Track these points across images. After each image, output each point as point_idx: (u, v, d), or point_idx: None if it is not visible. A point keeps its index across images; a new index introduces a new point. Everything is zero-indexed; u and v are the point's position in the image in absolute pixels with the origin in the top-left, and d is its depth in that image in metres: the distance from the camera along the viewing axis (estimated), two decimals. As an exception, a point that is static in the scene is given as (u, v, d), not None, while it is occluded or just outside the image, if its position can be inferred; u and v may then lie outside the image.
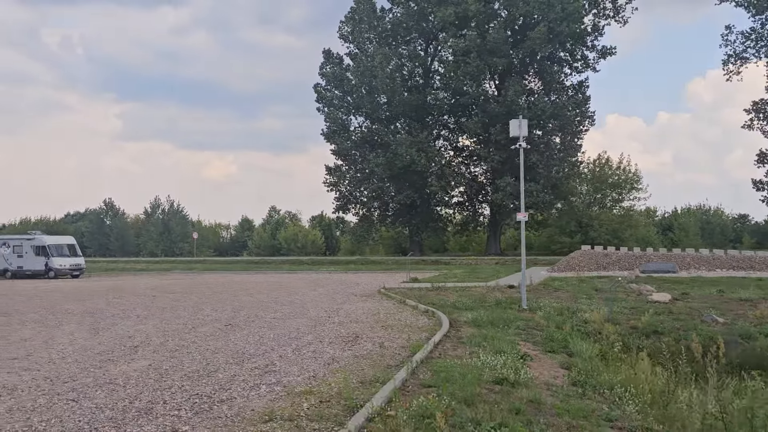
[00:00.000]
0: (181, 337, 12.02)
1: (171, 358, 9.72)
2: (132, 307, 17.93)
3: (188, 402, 7.02)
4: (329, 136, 52.81)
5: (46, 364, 9.32)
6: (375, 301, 19.23)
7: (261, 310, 16.81)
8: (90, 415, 6.52)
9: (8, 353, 10.35)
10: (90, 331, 13.00)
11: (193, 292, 23.00)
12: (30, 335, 12.47)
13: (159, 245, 61.88)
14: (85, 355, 10.04)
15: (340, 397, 7.13)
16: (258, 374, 8.50)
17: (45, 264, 34.20)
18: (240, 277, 33.92)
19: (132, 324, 14.03)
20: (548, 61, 49.06)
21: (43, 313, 16.55)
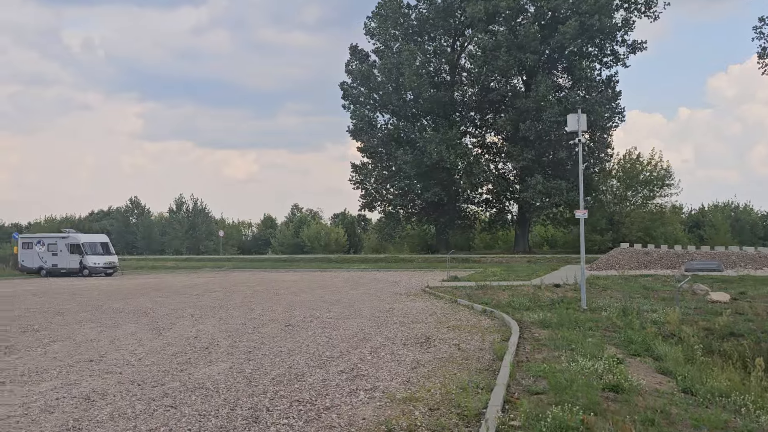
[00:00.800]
0: (247, 338, 11.76)
1: (249, 361, 9.44)
2: (181, 306, 17.74)
3: (292, 409, 6.73)
4: (355, 134, 52.53)
5: (124, 367, 9.09)
6: (424, 300, 18.89)
7: (312, 309, 16.54)
8: (197, 423, 6.24)
9: (81, 354, 10.15)
10: (152, 331, 12.79)
11: (234, 291, 22.81)
12: (93, 335, 12.28)
13: (184, 243, 62.01)
14: (160, 357, 9.80)
15: (450, 405, 6.80)
16: (348, 378, 8.20)
17: (79, 262, 34.27)
18: (273, 275, 33.74)
19: (190, 324, 13.81)
20: (577, 56, 48.31)
21: (94, 312, 16.41)
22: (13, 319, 15.19)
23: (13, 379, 8.36)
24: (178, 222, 62.75)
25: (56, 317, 15.46)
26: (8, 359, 9.84)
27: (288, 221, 77.11)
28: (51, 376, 8.47)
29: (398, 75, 48.86)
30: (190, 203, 64.23)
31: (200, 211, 64.43)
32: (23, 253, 35.95)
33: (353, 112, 52.11)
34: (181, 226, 62.40)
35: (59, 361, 9.55)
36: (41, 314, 16.18)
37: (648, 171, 48.91)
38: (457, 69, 53.30)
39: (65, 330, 13.12)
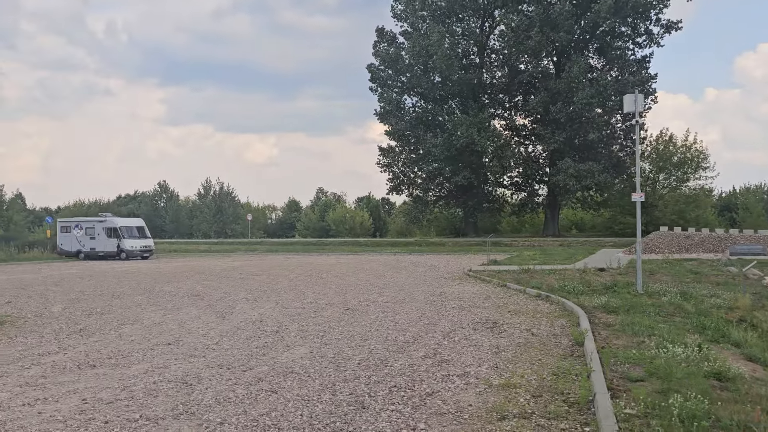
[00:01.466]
0: (313, 322, 11.75)
1: (325, 345, 9.43)
2: (231, 289, 17.83)
3: (393, 395, 6.68)
4: (383, 117, 52.22)
5: (206, 351, 9.12)
6: (471, 284, 18.78)
7: (363, 293, 16.53)
8: (305, 408, 6.22)
9: (156, 338, 10.22)
10: (214, 314, 12.86)
11: (276, 275, 22.89)
12: (158, 318, 12.38)
13: (212, 227, 62.53)
14: (236, 341, 9.83)
15: (552, 392, 6.70)
16: (434, 364, 8.14)
17: (117, 245, 34.70)
18: (307, 258, 33.85)
19: (249, 307, 13.86)
20: (609, 36, 47.37)
21: (148, 296, 16.56)
22: (72, 302, 15.39)
23: (101, 362, 8.43)
24: (205, 206, 63.22)
25: (114, 300, 15.63)
26: (88, 341, 9.94)
27: (313, 205, 77.40)
28: (137, 360, 8.53)
29: (427, 57, 48.37)
30: (217, 187, 64.66)
31: (227, 195, 64.82)
32: (62, 237, 36.49)
33: (381, 95, 51.81)
34: (209, 210, 62.89)
35: (138, 345, 9.62)
36: (98, 297, 16.37)
37: (681, 153, 48.05)
38: (486, 50, 52.64)
39: (128, 313, 13.25)
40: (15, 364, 8.36)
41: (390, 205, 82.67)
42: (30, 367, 8.13)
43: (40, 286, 19.75)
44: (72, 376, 7.58)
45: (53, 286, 19.70)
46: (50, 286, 19.93)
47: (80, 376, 7.61)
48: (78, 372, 7.81)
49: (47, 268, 28.76)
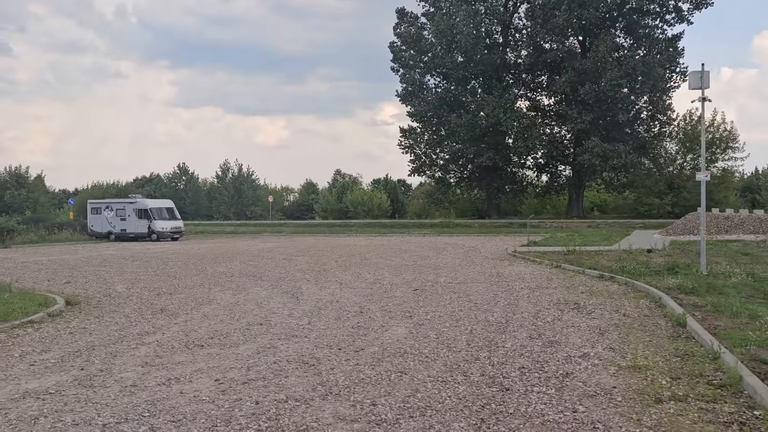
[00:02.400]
0: (391, 302, 11.61)
1: (420, 326, 9.29)
2: (283, 270, 17.70)
3: (528, 376, 6.52)
4: (405, 97, 51.76)
5: (304, 331, 8.99)
6: (521, 264, 18.59)
7: (419, 274, 16.38)
8: (448, 389, 6.07)
9: (245, 318, 10.09)
10: (285, 295, 12.74)
11: (320, 256, 22.75)
12: (232, 299, 12.27)
13: (231, 208, 62.52)
14: (328, 321, 9.70)
15: (689, 374, 6.52)
16: (544, 345, 7.98)
17: (148, 227, 34.69)
18: (339, 240, 33.72)
19: (316, 288, 13.73)
20: (636, 13, 46.51)
21: (203, 276, 16.45)
22: (132, 282, 15.32)
23: (205, 342, 8.32)
24: (225, 188, 63.16)
25: (173, 281, 15.55)
26: (177, 321, 9.84)
27: (330, 187, 77.15)
28: (239, 340, 8.41)
29: (451, 37, 47.75)
30: (236, 169, 64.56)
31: (246, 177, 64.70)
32: (92, 218, 36.51)
33: (403, 76, 51.29)
34: (227, 192, 62.83)
35: (230, 325, 9.50)
36: (155, 278, 16.30)
37: (709, 132, 47.34)
38: (510, 29, 51.91)
39: (197, 293, 13.15)
40: (120, 343, 8.26)
41: (406, 186, 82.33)
42: (137, 347, 8.03)
43: (88, 267, 19.72)
44: (186, 356, 7.47)
45: (100, 267, 19.66)
46: (97, 267, 19.89)
47: (194, 356, 7.49)
48: (189, 352, 7.70)
49: (83, 249, 28.78)
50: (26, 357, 7.54)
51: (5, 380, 6.51)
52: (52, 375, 6.68)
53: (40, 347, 8.07)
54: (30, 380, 6.49)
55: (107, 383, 6.32)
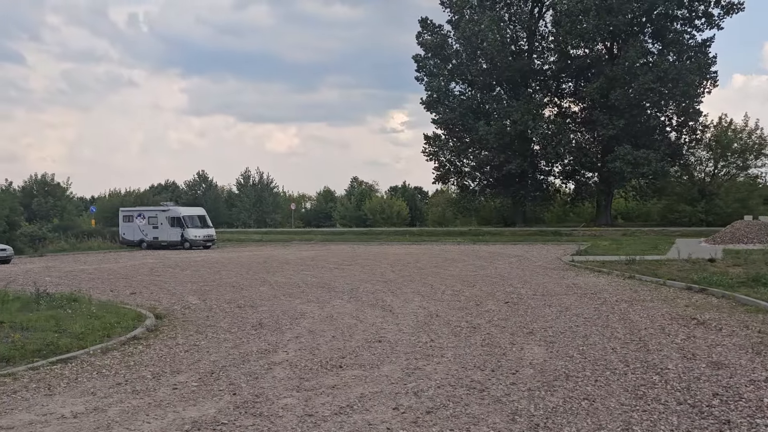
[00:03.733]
0: (495, 316, 11.02)
1: (551, 343, 8.70)
2: (349, 280, 17.09)
3: (731, 405, 5.93)
4: (430, 105, 51.32)
5: (434, 350, 8.40)
6: (589, 275, 17.96)
7: (491, 284, 15.78)
8: (669, 417, 5.49)
9: (358, 335, 9.48)
10: (375, 308, 12.17)
11: (370, 265, 22.12)
12: (323, 312, 11.69)
13: (252, 216, 62.07)
14: (448, 339, 9.11)
15: None
16: (710, 367, 7.36)
17: (180, 235, 34.20)
18: (375, 248, 33.09)
19: (399, 300, 13.13)
20: (665, 19, 46.01)
21: (271, 287, 15.88)
22: (201, 293, 14.77)
23: (339, 362, 7.72)
24: (245, 195, 62.77)
25: (243, 291, 14.99)
26: (289, 337, 9.24)
27: (348, 194, 76.69)
28: (374, 360, 7.79)
29: (477, 44, 47.35)
30: (256, 177, 64.21)
31: (266, 184, 64.32)
32: (124, 226, 36.05)
33: (428, 84, 50.87)
34: (248, 200, 62.42)
35: (347, 342, 8.91)
36: (221, 288, 15.75)
37: (740, 139, 46.71)
38: (536, 36, 51.45)
39: (279, 306, 12.58)
40: (248, 363, 7.69)
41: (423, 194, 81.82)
42: (270, 367, 7.46)
43: (141, 276, 19.21)
44: (334, 378, 6.90)
45: (153, 276, 19.15)
46: (150, 276, 19.39)
47: (342, 378, 6.92)
48: (333, 374, 7.13)
49: (121, 258, 28.27)
50: (161, 378, 6.99)
51: (159, 406, 5.95)
52: (207, 401, 6.12)
53: (167, 367, 7.52)
54: (186, 407, 5.93)
55: (276, 411, 5.75)
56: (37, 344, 8.22)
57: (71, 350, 8.13)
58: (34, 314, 10.38)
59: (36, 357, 7.79)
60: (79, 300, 11.85)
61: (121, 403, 6.08)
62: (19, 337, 8.56)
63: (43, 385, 6.70)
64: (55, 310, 10.78)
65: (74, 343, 8.46)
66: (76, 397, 6.28)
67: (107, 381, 6.90)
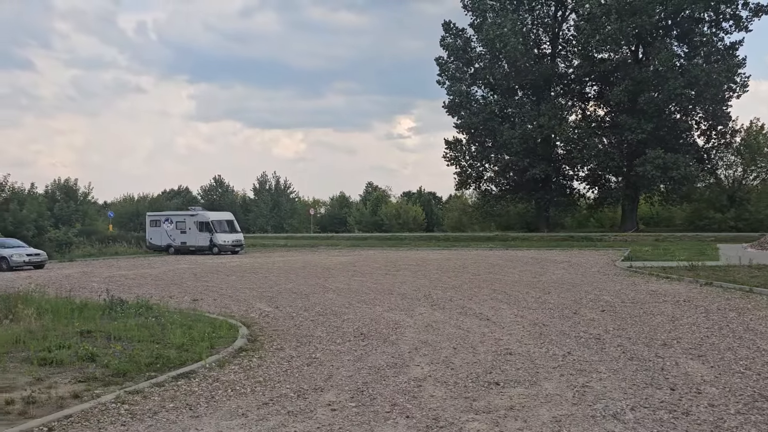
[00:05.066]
0: (600, 325, 10.28)
1: (701, 356, 7.95)
2: (414, 286, 16.33)
3: None
4: (452, 109, 50.71)
5: (581, 363, 7.67)
6: (662, 281, 17.19)
7: (566, 291, 15.04)
8: None
9: (479, 347, 8.73)
10: (468, 316, 11.42)
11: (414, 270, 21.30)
12: (417, 321, 10.94)
13: (269, 221, 61.40)
14: (581, 350, 8.38)
15: None
16: None
17: (209, 240, 33.47)
18: (407, 254, 32.30)
19: (489, 309, 12.37)
20: (690, 22, 45.39)
21: (337, 294, 15.14)
22: (268, 300, 14.04)
23: (488, 378, 6.98)
24: (262, 201, 62.12)
25: (309, 299, 14.22)
26: (407, 350, 8.49)
27: (364, 199, 76.02)
28: (525, 377, 7.03)
29: (501, 47, 46.75)
30: (273, 182, 63.60)
31: (283, 190, 63.67)
32: (151, 231, 35.34)
33: (449, 88, 50.28)
34: (265, 205, 61.77)
35: (476, 355, 8.16)
36: (284, 295, 15.00)
37: (771, 143, 46.04)
38: (559, 40, 50.84)
39: (362, 313, 11.82)
40: (388, 380, 6.93)
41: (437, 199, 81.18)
42: (419, 384, 6.71)
43: (191, 282, 18.49)
44: (502, 399, 6.14)
45: (202, 282, 18.41)
46: (199, 282, 18.66)
47: (509, 397, 6.16)
48: (495, 392, 6.37)
49: (156, 263, 27.50)
50: (308, 397, 6.23)
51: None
52: (384, 425, 5.37)
53: (303, 384, 6.77)
54: (366, 432, 5.19)
55: (474, 439, 5.01)
56: (146, 357, 7.49)
57: (185, 363, 7.39)
58: (119, 323, 9.67)
59: (151, 371, 7.06)
60: (152, 308, 11.12)
61: (284, 426, 5.34)
62: (121, 348, 7.84)
63: (181, 405, 5.96)
64: (136, 319, 10.07)
65: (183, 355, 7.73)
66: (228, 419, 5.54)
67: (249, 400, 6.16)
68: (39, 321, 9.57)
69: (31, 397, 5.92)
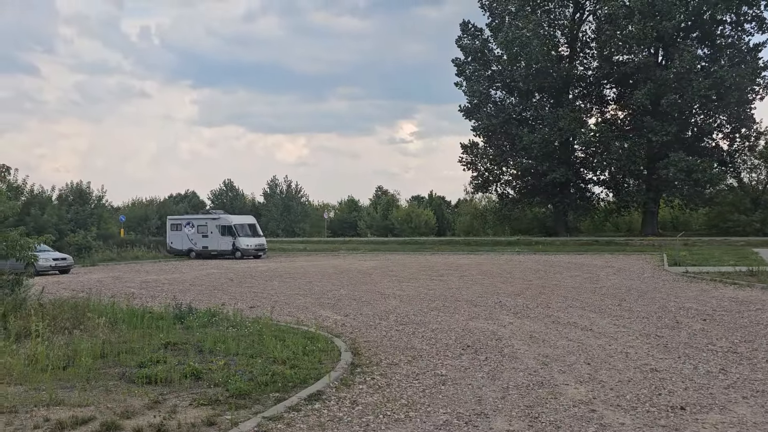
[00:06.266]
0: (708, 335, 9.45)
1: None
2: (470, 293, 15.49)
3: None
4: (469, 112, 49.93)
5: (738, 381, 6.84)
6: (728, 288, 16.36)
7: (636, 299, 14.21)
8: None
9: (598, 363, 7.91)
10: (561, 324, 10.58)
11: (460, 275, 20.48)
12: (510, 330, 10.10)
13: (280, 225, 60.47)
14: (735, 364, 7.55)
15: None
16: None
17: (232, 244, 32.54)
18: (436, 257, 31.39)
19: (578, 318, 11.54)
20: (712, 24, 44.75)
21: (400, 300, 14.28)
22: (331, 307, 13.16)
23: (675, 402, 6.13)
24: (273, 204, 61.19)
25: (373, 305, 13.36)
26: (531, 366, 7.63)
27: (374, 203, 75.13)
28: (687, 399, 6.23)
29: (520, 48, 46.04)
30: (284, 186, 62.69)
31: (294, 193, 62.78)
32: (172, 235, 34.38)
33: (468, 89, 49.49)
34: (276, 209, 60.85)
35: (613, 371, 7.33)
36: (345, 301, 14.14)
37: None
38: (577, 42, 50.13)
39: (445, 322, 10.96)
40: (547, 404, 6.08)
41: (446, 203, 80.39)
42: (593, 410, 5.85)
43: (235, 288, 17.59)
44: (708, 429, 5.30)
45: (246, 288, 17.51)
46: (243, 287, 17.76)
47: (709, 428, 5.32)
48: (686, 420, 5.52)
49: (184, 268, 26.55)
50: (478, 424, 5.38)
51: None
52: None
53: (460, 408, 5.89)
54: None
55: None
56: (259, 373, 6.62)
57: (306, 382, 6.52)
58: (200, 333, 8.78)
59: (272, 391, 6.18)
60: (228, 317, 10.24)
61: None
62: (224, 364, 6.97)
63: (338, 436, 5.11)
64: (213, 329, 9.20)
65: (297, 372, 6.84)
66: (407, 455, 4.68)
67: (410, 428, 5.29)
68: (113, 332, 8.68)
69: (163, 425, 5.05)
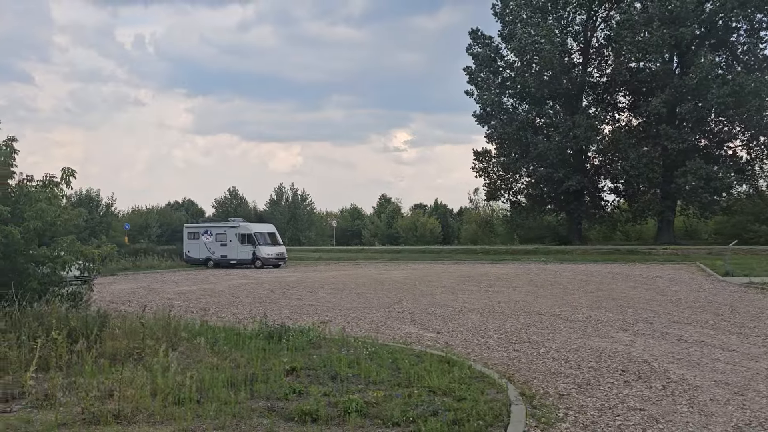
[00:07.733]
0: None
1: None
2: (554, 304, 14.55)
3: None
4: (482, 119, 49.32)
5: None
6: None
7: (712, 313, 13.37)
8: None
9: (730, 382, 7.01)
10: (666, 341, 9.66)
11: (513, 287, 19.56)
12: (615, 347, 9.15)
13: (286, 233, 59.32)
14: None
15: None
16: None
17: (252, 253, 31.37)
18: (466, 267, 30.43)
19: (688, 333, 10.64)
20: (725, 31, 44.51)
21: (481, 315, 13.31)
22: (411, 322, 12.15)
23: None
24: (279, 212, 60.09)
25: (449, 322, 12.37)
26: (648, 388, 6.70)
27: (378, 212, 74.23)
28: None
29: (533, 55, 45.52)
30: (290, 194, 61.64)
31: (300, 202, 61.72)
32: (188, 244, 33.13)
33: (480, 97, 48.86)
34: (282, 217, 59.74)
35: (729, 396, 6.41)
36: (422, 316, 13.13)
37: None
38: (591, 49, 49.67)
39: (563, 340, 10.01)
40: None
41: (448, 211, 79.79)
42: None
43: (281, 300, 16.51)
44: None
45: (294, 300, 16.42)
46: (290, 299, 16.67)
47: None
48: None
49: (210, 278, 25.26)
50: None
51: None
52: None
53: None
54: None
55: None
56: (439, 409, 5.61)
57: (486, 418, 5.49)
58: (318, 357, 7.75)
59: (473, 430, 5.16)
60: (307, 332, 9.20)
61: None
62: (385, 395, 5.95)
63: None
64: (321, 351, 8.17)
65: (475, 407, 5.79)
66: None
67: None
68: (214, 354, 7.62)
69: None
